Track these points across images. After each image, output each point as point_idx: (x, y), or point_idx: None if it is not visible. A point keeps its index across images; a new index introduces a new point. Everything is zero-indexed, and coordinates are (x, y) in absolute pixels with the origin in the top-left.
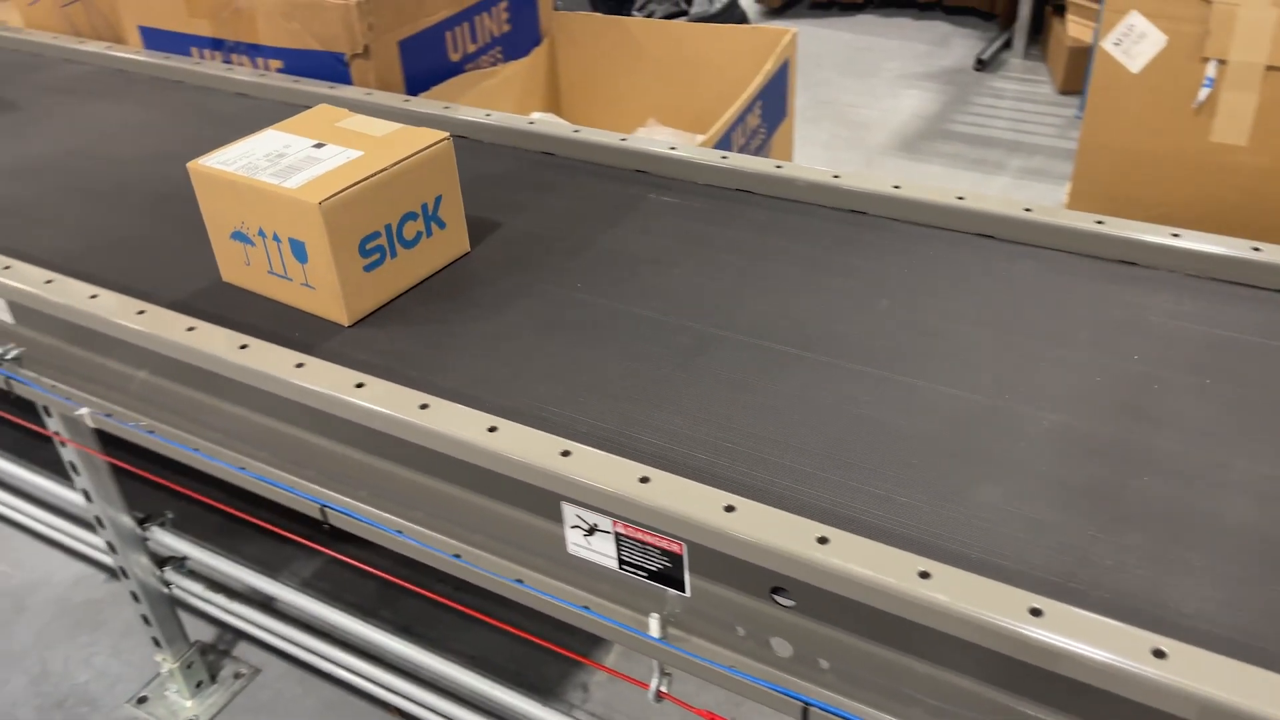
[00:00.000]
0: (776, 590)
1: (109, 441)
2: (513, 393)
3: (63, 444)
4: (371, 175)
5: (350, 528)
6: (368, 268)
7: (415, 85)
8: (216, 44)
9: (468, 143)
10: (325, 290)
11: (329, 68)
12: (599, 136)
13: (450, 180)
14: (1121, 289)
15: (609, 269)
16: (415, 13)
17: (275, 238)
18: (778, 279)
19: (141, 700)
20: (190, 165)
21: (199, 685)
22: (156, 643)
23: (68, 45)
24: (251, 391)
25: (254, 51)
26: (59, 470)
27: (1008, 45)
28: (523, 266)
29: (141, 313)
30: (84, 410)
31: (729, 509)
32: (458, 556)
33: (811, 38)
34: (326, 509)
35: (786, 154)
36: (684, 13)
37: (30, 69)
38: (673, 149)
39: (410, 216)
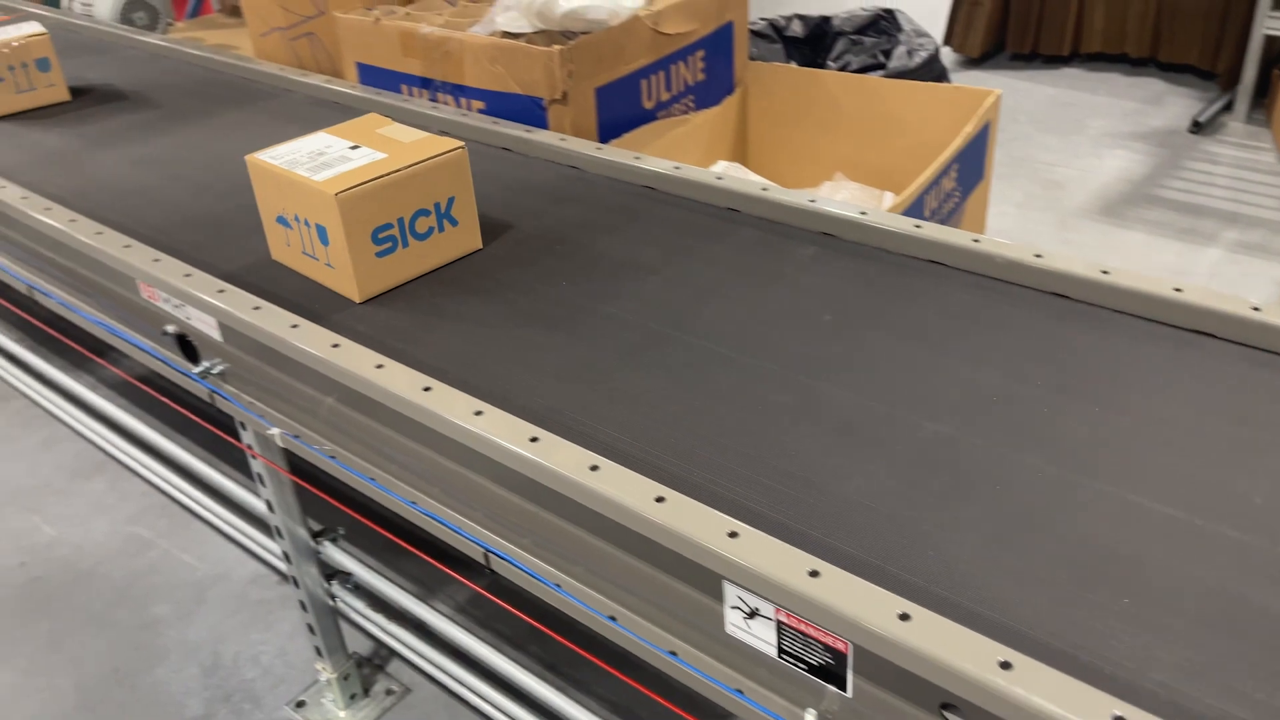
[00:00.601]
0: (947, 706)
1: (294, 457)
2: (479, 370)
3: (253, 457)
4: (387, 174)
5: (510, 575)
6: (380, 254)
7: (608, 130)
8: (425, 83)
9: (652, 193)
10: (341, 270)
11: (527, 111)
12: (786, 196)
13: (464, 184)
14: None
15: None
16: (614, 61)
17: (306, 223)
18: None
19: (300, 704)
20: (248, 158)
21: (353, 697)
22: (318, 651)
23: (290, 75)
24: (428, 431)
25: (459, 91)
26: (246, 472)
27: (1228, 108)
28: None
29: (336, 346)
30: (275, 430)
31: (904, 617)
32: (613, 619)
33: (1010, 90)
34: (490, 554)
35: (980, 218)
36: (881, 65)
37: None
38: (863, 213)
39: (423, 213)
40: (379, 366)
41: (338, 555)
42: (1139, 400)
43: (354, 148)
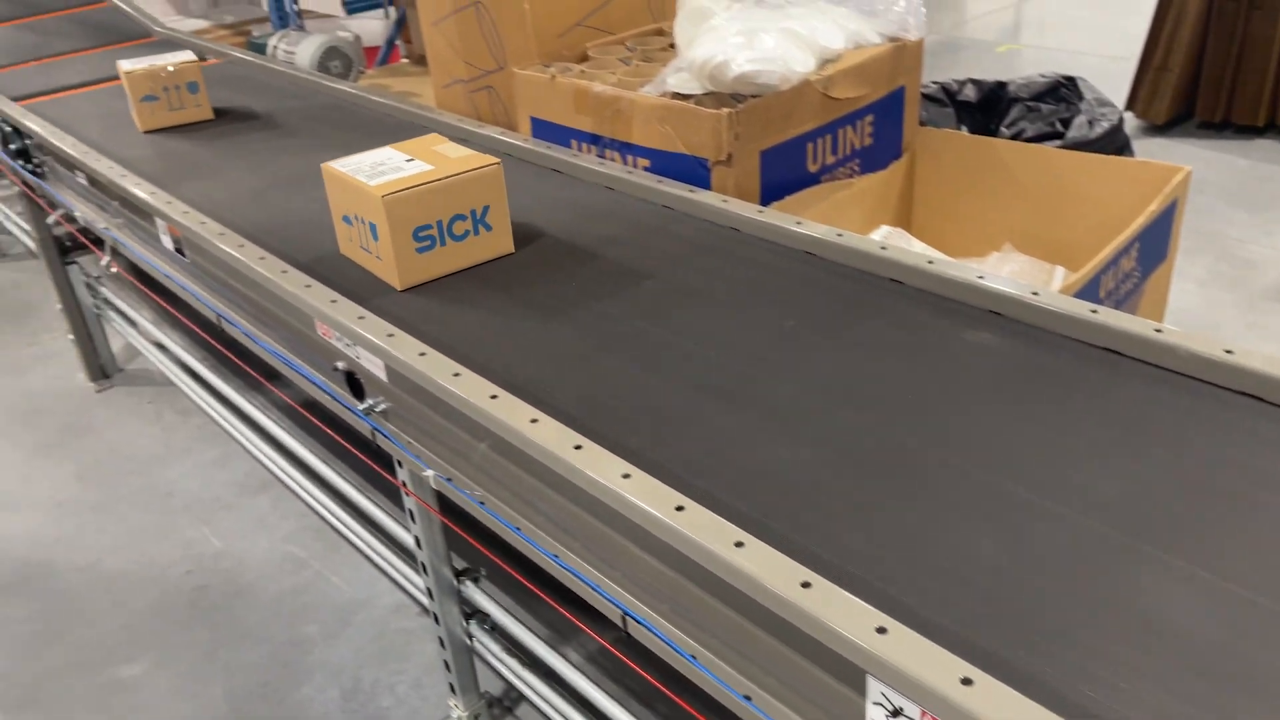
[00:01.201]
0: None
1: (445, 497)
2: (484, 348)
3: (406, 494)
4: (430, 182)
5: (646, 640)
6: (419, 250)
7: (770, 193)
8: (594, 139)
9: (814, 260)
10: (386, 261)
11: (692, 170)
12: (955, 270)
13: (498, 195)
14: None
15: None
16: (781, 125)
17: (362, 220)
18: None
19: None
20: (323, 166)
21: None
22: (452, 688)
23: (466, 126)
24: (575, 488)
25: (626, 149)
26: (398, 504)
27: None
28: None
29: (494, 397)
30: (430, 472)
31: None
32: (748, 699)
33: (1198, 160)
34: (627, 616)
35: (1161, 299)
36: (1059, 134)
37: None
38: (1035, 293)
39: (460, 218)
40: (533, 421)
41: (478, 596)
42: None
43: (409, 160)
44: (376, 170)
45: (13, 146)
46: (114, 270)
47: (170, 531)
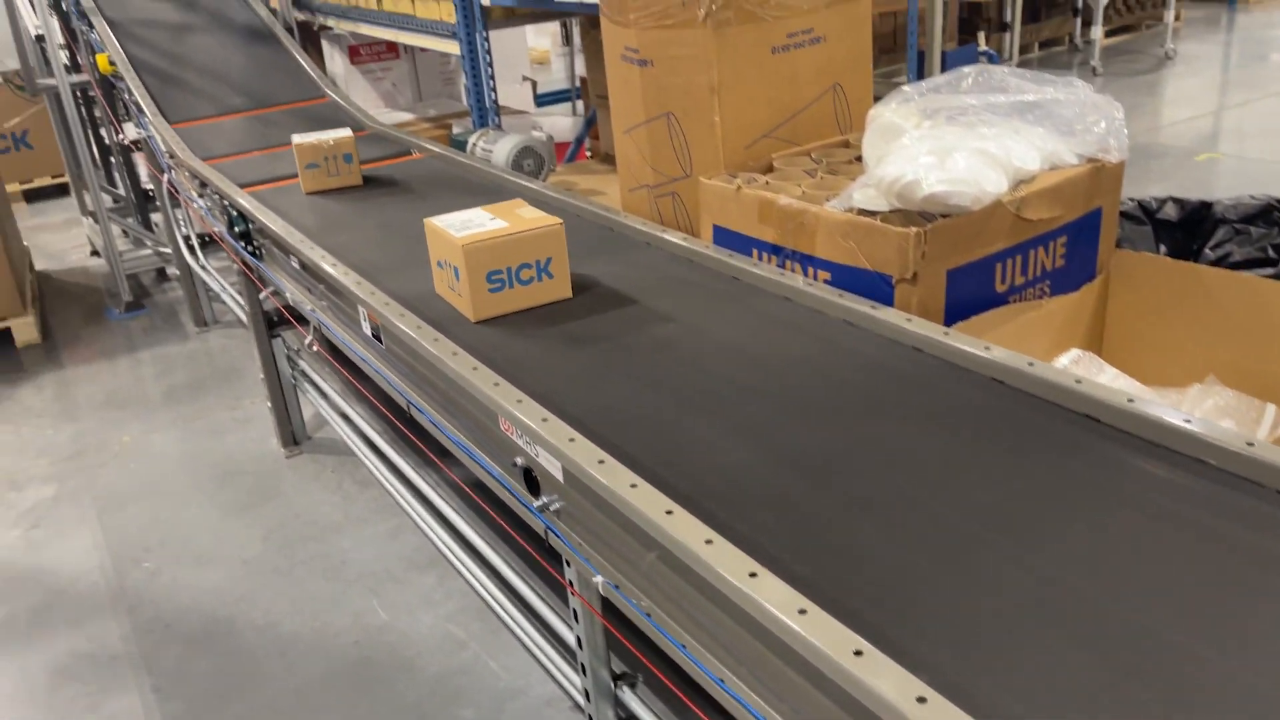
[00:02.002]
0: None
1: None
2: (534, 371)
3: (572, 593)
4: (502, 236)
5: None
6: (491, 290)
7: (955, 312)
8: (775, 250)
9: (1002, 388)
10: (465, 298)
11: (874, 286)
12: (1160, 413)
13: (559, 249)
14: None
15: None
16: (970, 244)
17: (450, 264)
18: None
19: None
20: (426, 220)
21: None
22: None
23: (649, 229)
24: (748, 618)
25: (807, 261)
26: (561, 596)
27: None
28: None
29: (669, 512)
30: (598, 578)
31: None
32: None
33: None
34: None
35: None
36: (1271, 262)
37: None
38: (1249, 444)
39: (526, 266)
40: (708, 542)
41: (634, 702)
42: None
43: (491, 219)
44: (464, 225)
45: (237, 229)
46: (315, 349)
47: (342, 600)
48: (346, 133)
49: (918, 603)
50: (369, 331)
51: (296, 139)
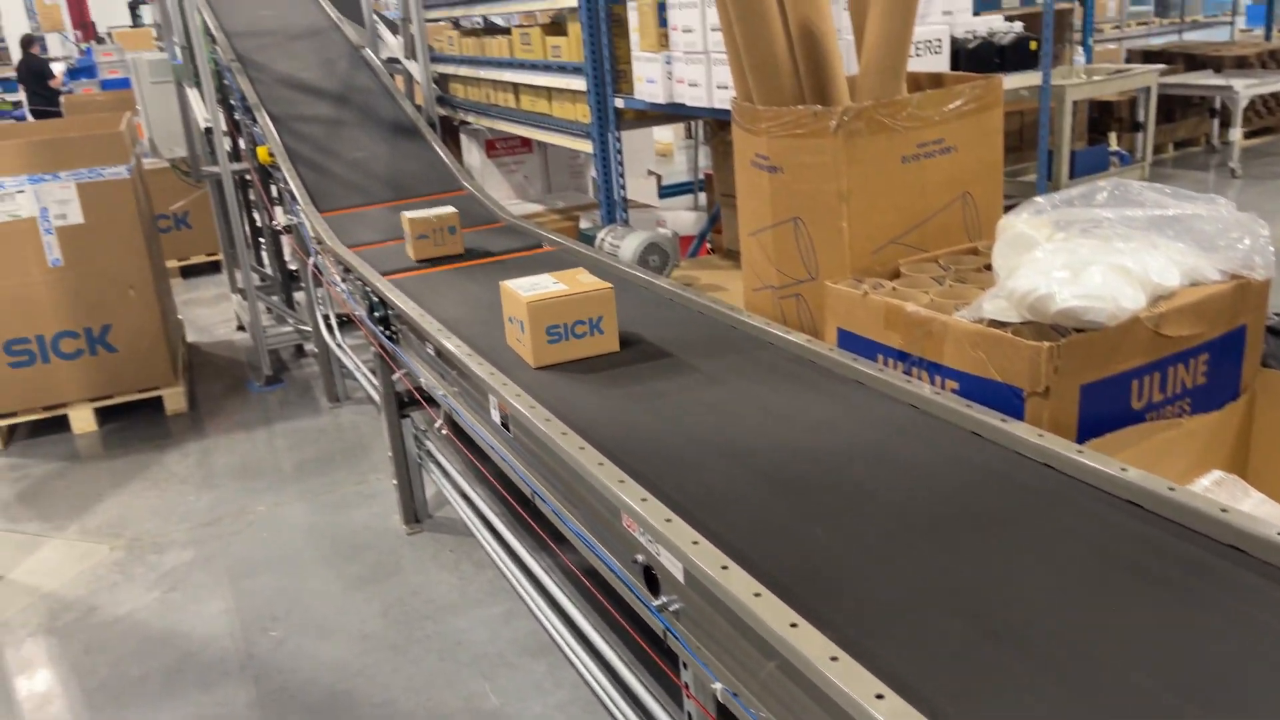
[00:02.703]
0: None
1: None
2: (578, 405)
3: (687, 696)
4: (560, 296)
5: None
6: (550, 342)
7: (1088, 428)
8: (902, 356)
9: (1139, 511)
10: (527, 347)
11: (1003, 398)
12: None
13: (609, 310)
14: None
15: None
16: (1106, 360)
17: (517, 320)
18: None
19: None
20: (501, 283)
21: None
22: None
23: (773, 330)
24: None
25: (935, 369)
26: (674, 696)
27: None
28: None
29: (794, 625)
30: (717, 685)
31: None
32: None
33: None
34: None
35: None
36: None
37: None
38: None
39: (580, 322)
40: (833, 659)
41: None
42: None
43: (554, 283)
44: (532, 287)
45: (376, 314)
46: (444, 432)
47: (455, 681)
48: (449, 210)
49: None
50: (497, 419)
51: (406, 215)
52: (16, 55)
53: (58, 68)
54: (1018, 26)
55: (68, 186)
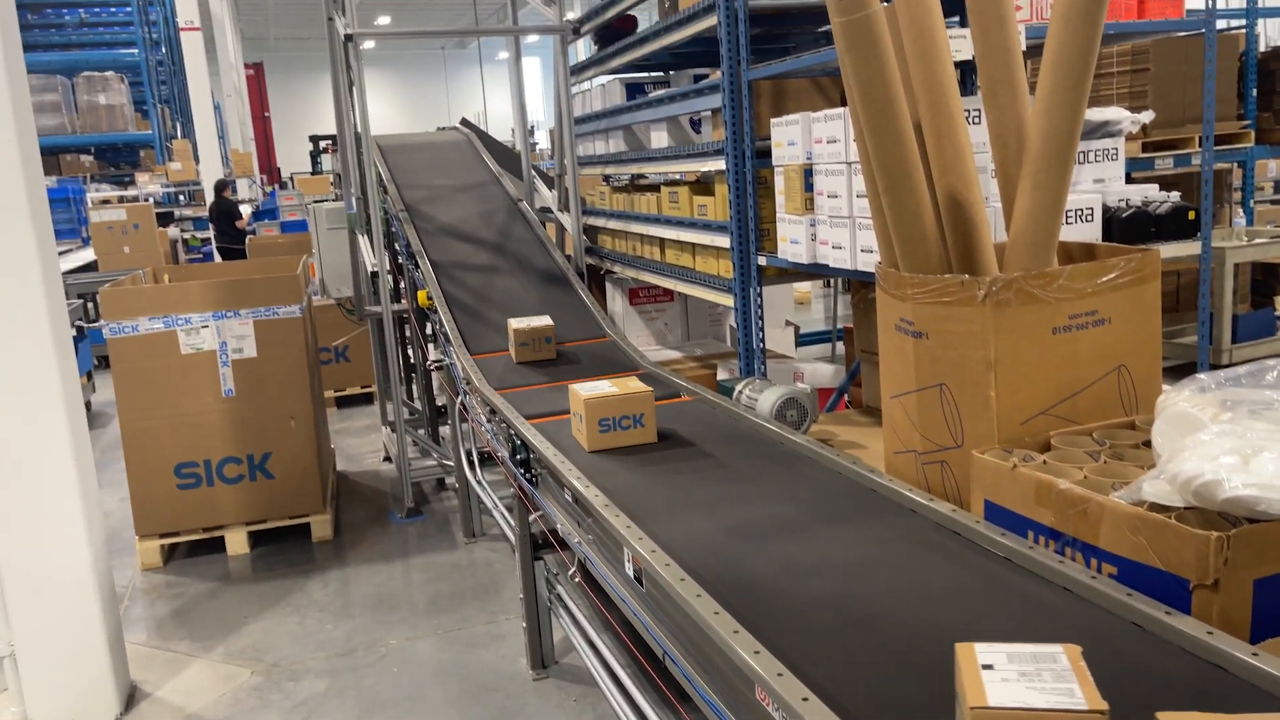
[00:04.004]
0: None
1: None
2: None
3: None
4: (611, 396)
5: None
6: (601, 430)
7: (1264, 627)
8: (1054, 534)
9: None
10: (582, 435)
11: (1167, 588)
12: None
13: (650, 408)
14: None
15: None
16: None
17: (578, 413)
18: None
19: None
20: (570, 386)
21: None
22: None
23: (915, 496)
24: None
25: (1090, 551)
26: None
27: None
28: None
29: None
30: None
31: None
32: None
33: None
34: None
35: None
36: None
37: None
38: None
39: (625, 417)
40: None
41: None
42: None
43: (610, 386)
44: (591, 390)
45: (518, 456)
46: (576, 579)
47: None
48: (545, 321)
49: None
50: (631, 573)
51: (513, 323)
52: (209, 196)
53: (245, 209)
54: (1174, 195)
55: (246, 323)
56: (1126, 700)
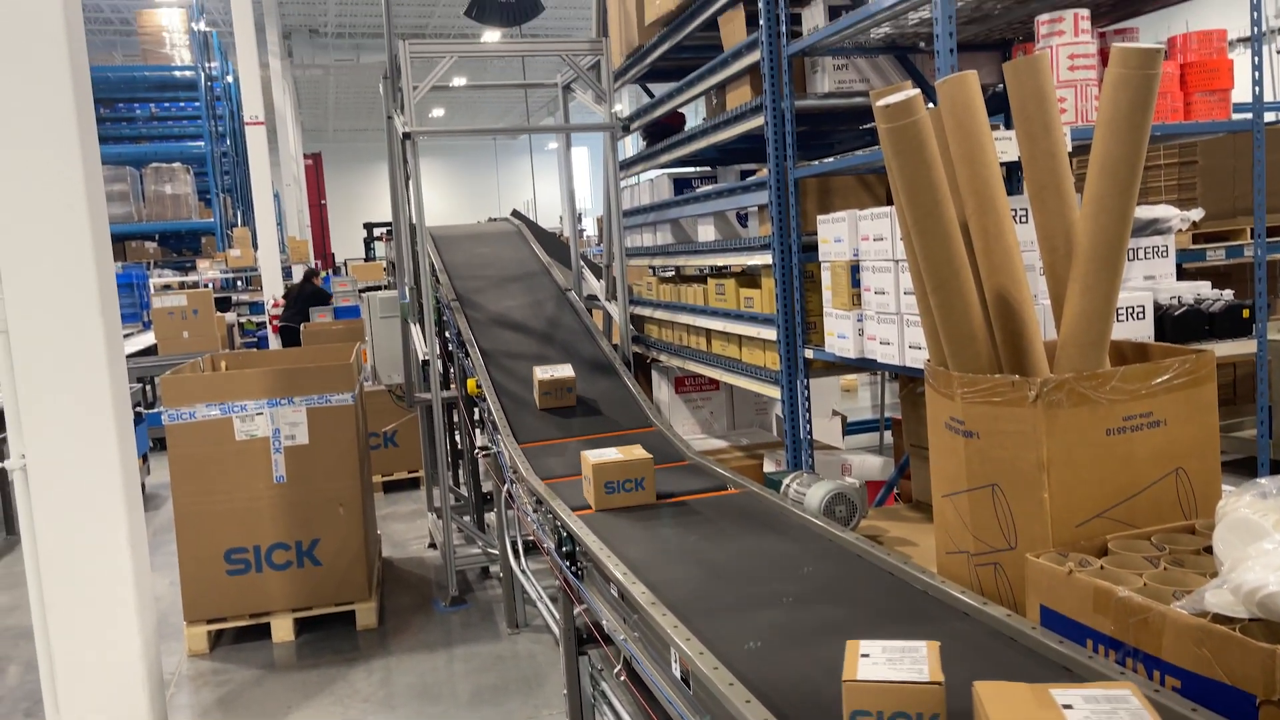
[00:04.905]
0: None
1: None
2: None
3: None
4: (616, 461)
5: None
6: (607, 492)
7: None
8: (1114, 644)
9: None
10: (590, 492)
11: (1232, 704)
12: None
13: (649, 472)
14: None
15: None
16: None
17: (587, 477)
18: None
19: None
20: (581, 452)
21: None
22: None
23: (967, 599)
24: None
25: (1151, 663)
26: None
27: None
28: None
29: None
30: None
31: None
32: None
33: None
34: None
35: None
36: None
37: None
38: None
39: (628, 480)
40: None
41: None
42: None
43: (615, 452)
44: (599, 455)
45: (565, 549)
46: (621, 678)
47: None
48: (567, 372)
49: None
50: (678, 674)
51: (539, 373)
52: (267, 280)
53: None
54: (1227, 294)
55: (299, 410)
56: None
